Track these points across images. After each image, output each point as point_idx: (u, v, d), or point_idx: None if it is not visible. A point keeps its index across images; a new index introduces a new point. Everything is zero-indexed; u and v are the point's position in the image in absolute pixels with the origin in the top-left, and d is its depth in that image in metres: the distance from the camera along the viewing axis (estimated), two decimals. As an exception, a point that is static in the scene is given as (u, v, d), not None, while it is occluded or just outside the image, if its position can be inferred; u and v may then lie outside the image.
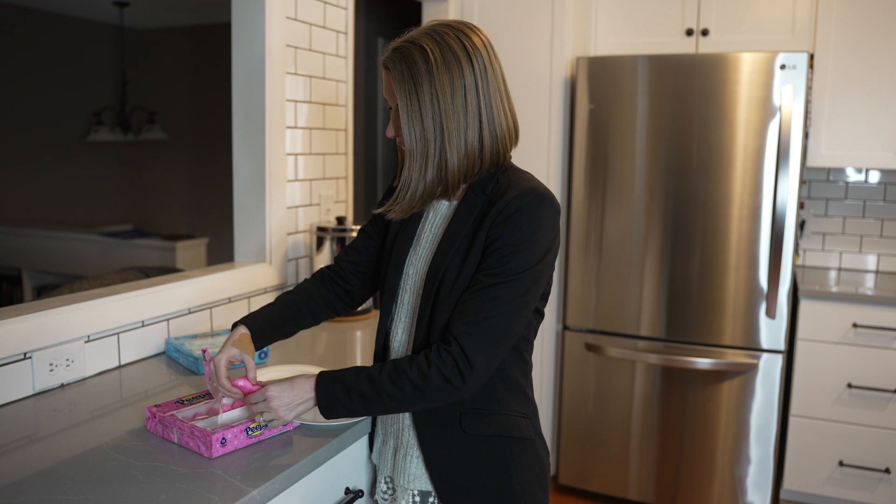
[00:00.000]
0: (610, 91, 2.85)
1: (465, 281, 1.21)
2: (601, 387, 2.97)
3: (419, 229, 1.34)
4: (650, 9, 3.12)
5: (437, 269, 1.24)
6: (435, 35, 1.22)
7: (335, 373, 1.22)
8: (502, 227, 1.19)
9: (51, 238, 4.52)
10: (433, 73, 1.20)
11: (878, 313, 2.74)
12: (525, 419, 1.28)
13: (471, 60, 1.22)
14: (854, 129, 2.95)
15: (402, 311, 1.32)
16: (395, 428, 1.33)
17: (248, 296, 2.11)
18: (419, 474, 1.29)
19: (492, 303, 1.16)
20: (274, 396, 1.21)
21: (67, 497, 1.07)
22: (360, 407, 1.19)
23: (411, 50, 1.22)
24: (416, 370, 1.15)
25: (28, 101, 5.02)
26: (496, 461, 1.25)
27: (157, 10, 5.08)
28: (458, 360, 1.15)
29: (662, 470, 2.91)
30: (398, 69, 1.22)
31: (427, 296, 1.24)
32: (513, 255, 1.17)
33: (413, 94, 1.20)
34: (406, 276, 1.32)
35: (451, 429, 1.24)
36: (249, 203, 2.20)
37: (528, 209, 1.18)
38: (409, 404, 1.18)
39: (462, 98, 1.21)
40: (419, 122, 1.21)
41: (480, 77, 1.22)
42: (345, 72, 2.49)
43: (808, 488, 2.91)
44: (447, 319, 1.21)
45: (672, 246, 2.80)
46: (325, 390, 1.20)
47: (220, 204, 5.11)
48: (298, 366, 1.66)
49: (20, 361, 1.49)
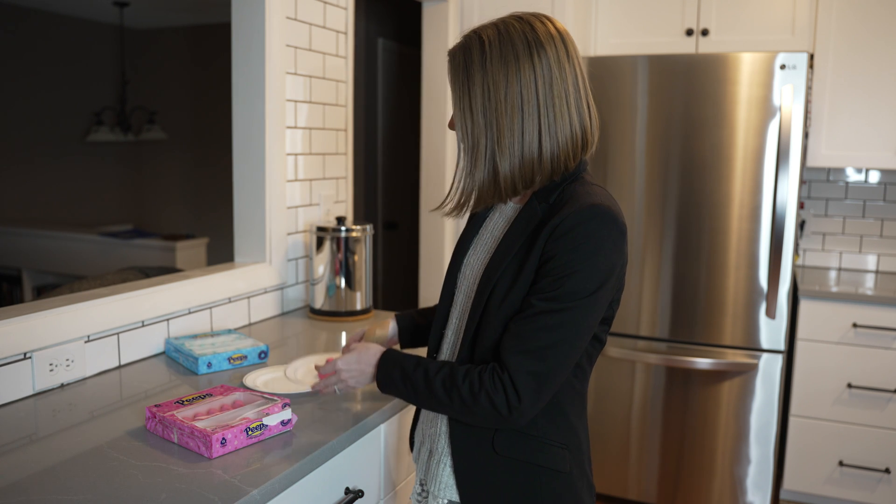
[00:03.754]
0: (610, 91, 2.85)
1: (516, 299, 1.13)
2: (601, 387, 2.97)
3: (482, 228, 1.30)
4: (650, 9, 3.12)
5: (489, 277, 1.17)
6: (500, 26, 1.15)
7: (398, 356, 1.24)
8: (557, 245, 1.09)
9: (51, 238, 4.52)
10: (486, 66, 1.13)
11: (878, 313, 2.74)
12: (563, 450, 1.19)
13: (532, 56, 1.12)
14: (854, 128, 2.95)
15: (455, 311, 1.29)
16: (432, 433, 1.30)
17: (248, 296, 2.11)
18: (450, 483, 1.25)
19: (546, 332, 1.09)
20: (342, 369, 1.31)
21: (67, 497, 1.07)
22: (411, 396, 1.21)
23: (473, 41, 1.16)
24: (468, 387, 1.12)
25: (28, 100, 5.02)
26: (525, 488, 1.18)
27: (157, 10, 5.08)
28: (508, 391, 1.09)
29: (663, 470, 2.91)
30: (456, 60, 1.17)
31: (477, 305, 1.19)
32: (568, 277, 1.08)
33: (465, 86, 1.15)
34: (463, 275, 1.29)
35: (483, 445, 1.19)
36: (249, 203, 2.20)
37: (586, 227, 1.08)
38: (456, 413, 1.16)
39: (518, 96, 1.12)
40: (470, 117, 1.15)
41: (543, 75, 1.13)
42: (345, 72, 2.49)
43: (808, 488, 2.91)
44: (494, 337, 1.15)
45: (672, 246, 2.80)
46: (386, 370, 1.24)
47: (220, 204, 5.11)
48: (302, 359, 1.66)
49: (20, 361, 1.49)
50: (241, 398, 1.37)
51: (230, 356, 1.70)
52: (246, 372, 1.66)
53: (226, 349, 1.72)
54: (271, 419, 1.29)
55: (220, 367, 1.69)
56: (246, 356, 1.73)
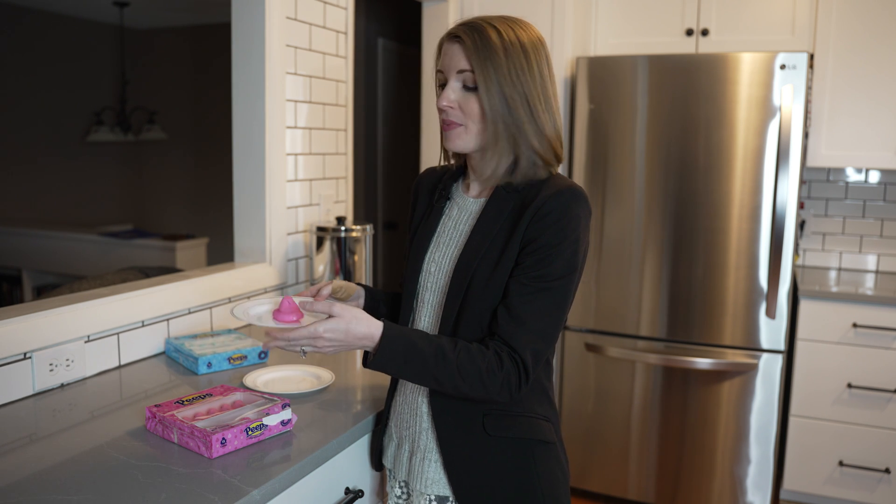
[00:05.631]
0: (610, 91, 2.85)
1: (500, 280, 1.18)
2: (601, 387, 2.97)
3: (440, 226, 1.32)
4: (650, 9, 3.12)
5: (466, 266, 1.21)
6: (507, 21, 1.21)
7: (402, 330, 1.18)
8: (540, 226, 1.16)
9: (51, 238, 4.52)
10: (509, 50, 1.18)
11: (878, 313, 2.74)
12: (548, 423, 1.26)
13: (537, 52, 1.21)
14: (854, 129, 2.95)
15: (422, 309, 1.30)
16: (412, 431, 1.30)
17: (247, 296, 2.11)
18: (437, 479, 1.26)
19: (542, 310, 1.16)
20: (324, 337, 1.15)
21: (67, 497, 1.07)
22: (415, 373, 1.16)
23: (485, 27, 1.20)
24: (487, 365, 1.14)
25: (28, 101, 5.02)
26: (519, 464, 1.22)
27: (157, 10, 5.08)
28: (521, 371, 1.15)
29: (662, 470, 2.91)
30: (472, 39, 1.18)
31: (455, 294, 1.22)
32: (555, 256, 1.15)
33: (489, 63, 1.17)
34: (427, 273, 1.30)
35: (474, 430, 1.22)
36: (249, 203, 2.20)
37: (567, 208, 1.16)
38: (466, 390, 1.15)
39: (539, 80, 1.20)
40: (498, 91, 1.17)
41: (547, 71, 1.22)
42: (345, 72, 2.50)
43: (808, 488, 2.91)
44: (480, 321, 1.19)
45: (672, 246, 2.80)
46: (391, 347, 1.15)
47: (220, 204, 5.11)
48: (298, 365, 1.66)
49: (20, 361, 1.49)
50: (241, 398, 1.37)
51: (230, 356, 1.70)
52: (246, 372, 1.66)
53: (226, 349, 1.73)
54: (271, 419, 1.29)
55: (220, 367, 1.69)
56: (246, 356, 1.73)
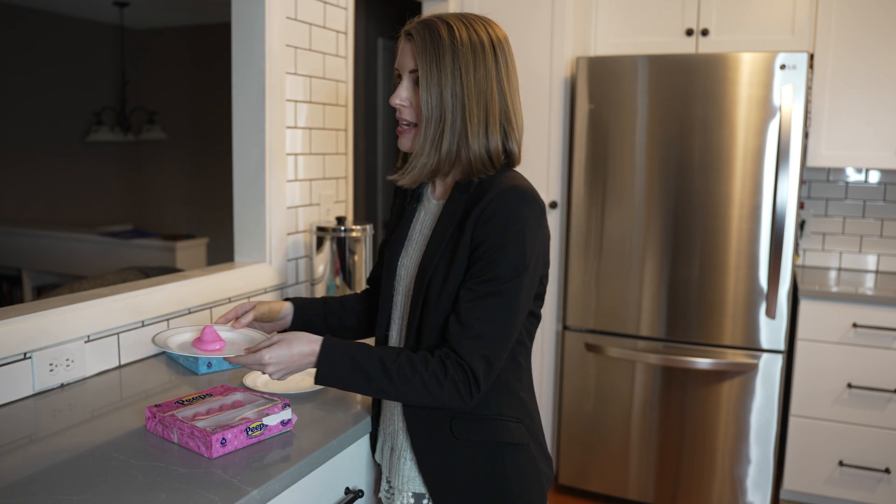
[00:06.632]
0: (610, 91, 2.85)
1: (453, 286, 1.19)
2: (601, 387, 2.97)
3: (411, 229, 1.34)
4: (650, 9, 3.12)
5: (424, 271, 1.23)
6: (463, 19, 1.22)
7: (342, 343, 1.19)
8: (485, 230, 1.16)
9: (51, 238, 4.51)
10: (457, 49, 1.18)
11: (878, 313, 2.74)
12: (518, 424, 1.26)
13: (495, 52, 1.21)
14: (854, 129, 2.95)
15: (395, 312, 1.33)
16: (391, 430, 1.33)
17: (247, 296, 2.11)
18: (413, 476, 1.29)
19: (489, 315, 1.15)
20: (270, 363, 1.18)
21: (67, 497, 1.07)
22: (360, 385, 1.18)
23: (438, 25, 1.20)
24: (432, 374, 1.15)
25: (28, 100, 5.02)
26: (489, 466, 1.23)
27: (157, 10, 5.08)
28: (469, 378, 1.15)
29: (662, 470, 2.91)
30: (422, 37, 1.20)
31: (416, 299, 1.23)
32: (501, 258, 1.15)
33: (433, 63, 1.18)
34: (399, 276, 1.32)
35: (442, 433, 1.24)
36: (249, 203, 2.20)
37: (510, 209, 1.16)
38: (412, 399, 1.18)
39: (485, 82, 1.19)
40: (437, 91, 1.18)
41: (504, 71, 1.22)
42: (345, 72, 2.49)
43: (808, 488, 2.91)
44: (436, 330, 1.20)
45: (672, 246, 2.80)
46: (330, 359, 1.18)
47: (220, 204, 5.10)
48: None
49: (20, 361, 1.49)
50: (241, 398, 1.37)
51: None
52: (246, 372, 1.66)
53: (226, 349, 1.72)
54: (271, 419, 1.29)
55: (220, 367, 1.69)
56: (246, 356, 1.73)
